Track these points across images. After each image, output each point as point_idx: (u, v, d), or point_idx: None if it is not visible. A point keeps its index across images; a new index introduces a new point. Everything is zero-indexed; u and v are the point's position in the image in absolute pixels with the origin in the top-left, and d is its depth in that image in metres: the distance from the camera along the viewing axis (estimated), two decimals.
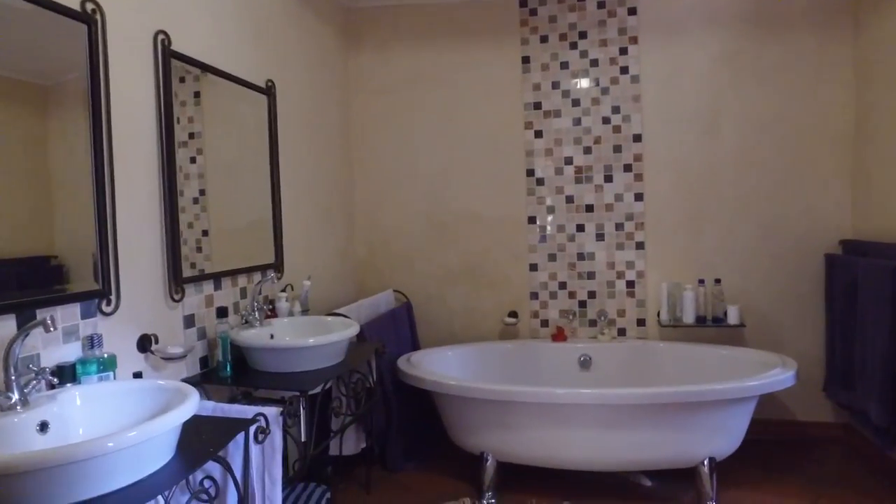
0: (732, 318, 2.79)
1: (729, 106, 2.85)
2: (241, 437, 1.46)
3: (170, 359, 1.60)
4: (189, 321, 1.85)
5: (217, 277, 2.00)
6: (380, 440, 2.61)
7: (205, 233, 2.02)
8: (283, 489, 2.07)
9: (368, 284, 3.24)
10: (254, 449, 1.53)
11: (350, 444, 2.50)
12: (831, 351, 2.71)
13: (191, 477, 1.39)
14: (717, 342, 2.86)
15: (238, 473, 1.45)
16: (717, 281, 2.84)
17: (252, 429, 1.48)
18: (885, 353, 2.25)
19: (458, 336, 3.15)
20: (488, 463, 2.33)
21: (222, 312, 1.90)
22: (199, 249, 1.96)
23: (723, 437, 2.22)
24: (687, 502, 2.27)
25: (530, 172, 3.06)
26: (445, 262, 3.17)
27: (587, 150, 2.99)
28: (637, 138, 2.93)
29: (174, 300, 1.76)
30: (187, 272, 1.83)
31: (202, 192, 2.01)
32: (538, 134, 3.04)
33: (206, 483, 1.42)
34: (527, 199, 3.07)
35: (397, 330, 2.86)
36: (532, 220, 3.07)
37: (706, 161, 2.88)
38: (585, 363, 2.89)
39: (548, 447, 2.26)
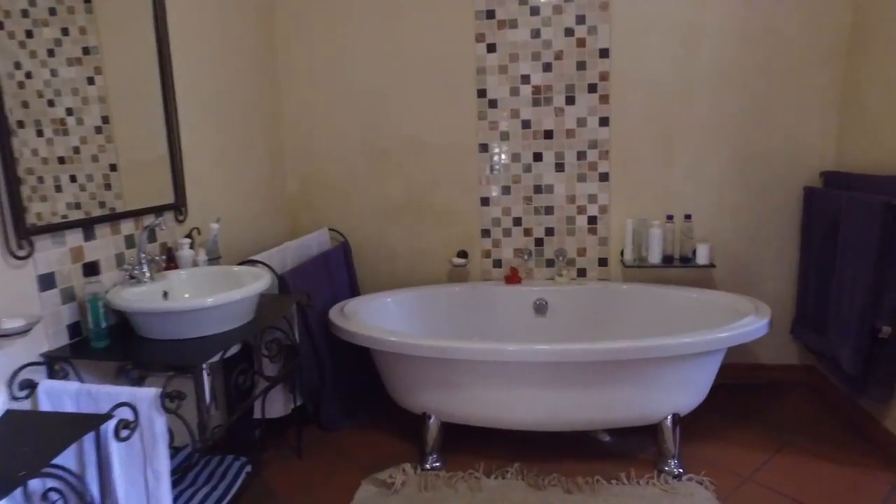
0: (702, 257, 2.55)
1: (711, 15, 2.47)
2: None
3: (5, 335, 1.24)
4: (47, 282, 1.47)
5: (88, 225, 1.61)
6: (313, 399, 2.33)
7: (112, 167, 1.72)
8: (195, 465, 1.80)
9: (302, 223, 2.87)
10: (122, 446, 1.22)
11: (278, 406, 2.22)
12: (804, 292, 2.52)
13: (31, 487, 1.08)
14: (685, 284, 2.63)
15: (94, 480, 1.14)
16: (688, 217, 2.57)
17: (110, 425, 1.16)
18: (865, 297, 2.05)
19: (402, 279, 2.84)
20: (431, 423, 2.10)
21: (92, 269, 1.52)
22: (107, 187, 1.70)
23: (688, 391, 2.03)
24: (648, 458, 2.10)
25: (481, 93, 2.66)
26: (387, 194, 2.81)
27: (547, 68, 2.60)
28: (604, 53, 2.55)
29: (17, 257, 1.37)
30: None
31: (105, 120, 1.68)
32: (491, 48, 2.62)
33: (53, 496, 1.11)
34: (477, 123, 2.69)
35: (331, 275, 2.53)
36: (483, 147, 2.71)
37: (681, 81, 2.54)
38: (541, 308, 2.64)
39: (496, 407, 2.02)
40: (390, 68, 2.69)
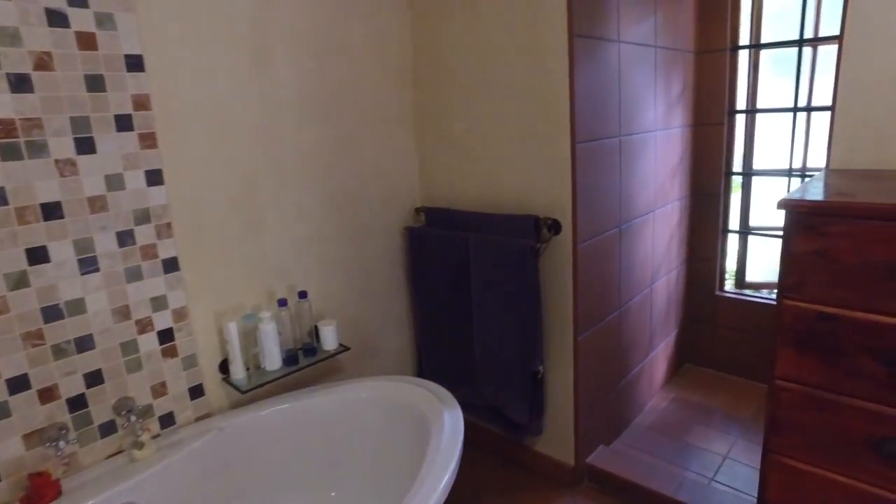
0: (329, 341, 1.93)
1: (278, 18, 1.77)
2: None
3: None
4: None
5: None
6: None
7: None
8: None
9: None
10: None
11: None
12: (430, 345, 2.27)
13: None
14: (318, 381, 1.95)
15: None
16: (303, 294, 1.88)
17: None
18: (524, 344, 1.95)
19: None
20: None
21: None
22: None
23: None
24: None
25: None
26: None
27: (20, 86, 1.32)
28: (135, 63, 1.48)
29: None
30: None
31: None
32: None
33: None
34: None
35: None
36: None
37: (260, 106, 1.76)
38: None
39: None
40: None
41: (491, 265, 1.99)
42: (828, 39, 2.44)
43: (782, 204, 1.03)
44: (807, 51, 2.47)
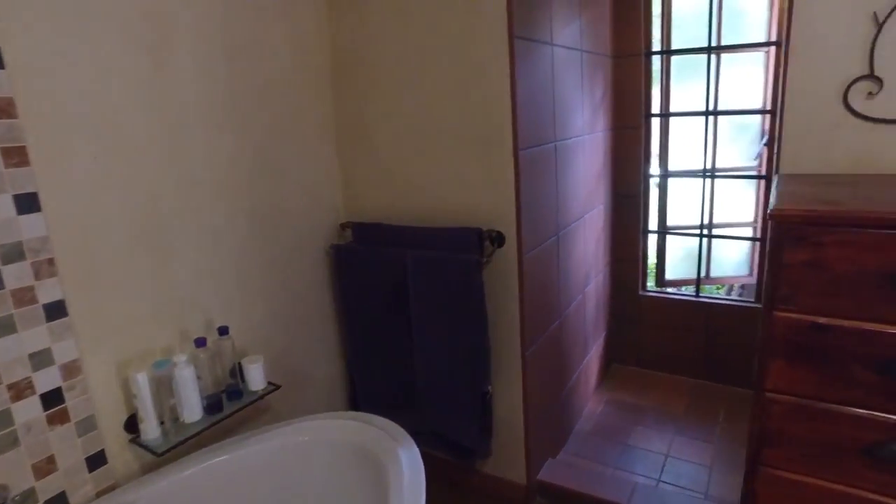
0: (256, 381, 1.69)
1: (176, 12, 1.50)
2: None
3: None
4: None
5: None
6: None
7: None
8: None
9: None
10: None
11: None
12: (364, 370, 2.08)
13: None
14: (243, 426, 1.70)
15: None
16: (224, 330, 1.62)
17: None
18: (475, 363, 1.83)
19: None
20: None
21: None
22: None
23: None
24: None
25: None
26: None
27: None
28: None
29: None
30: None
31: None
32: None
33: None
34: None
35: None
36: None
37: (163, 113, 1.48)
38: None
39: None
40: None
41: (432, 283, 1.85)
42: (733, 48, 2.56)
43: (773, 215, 0.99)
44: (705, 57, 2.58)
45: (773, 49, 2.45)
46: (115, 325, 1.42)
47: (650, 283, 3.01)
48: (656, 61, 2.67)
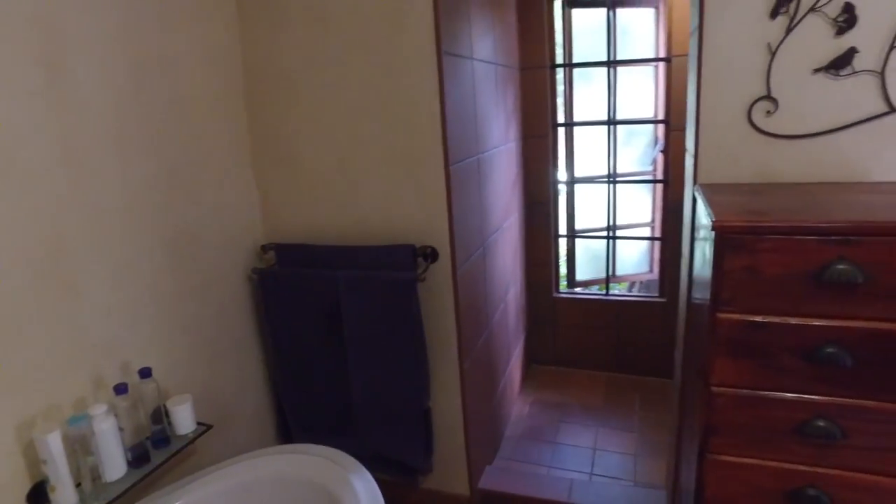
0: (185, 423, 1.54)
1: (71, 18, 1.33)
2: None
3: None
4: None
5: None
6: None
7: None
8: None
9: None
10: None
11: None
12: (296, 397, 1.98)
13: None
14: (169, 473, 1.54)
15: None
16: (146, 372, 1.46)
17: None
18: (417, 380, 1.80)
19: None
20: None
21: None
22: None
23: None
24: None
25: None
26: None
27: None
28: None
29: None
30: None
31: None
32: None
33: None
34: None
35: None
36: None
37: (62, 134, 1.30)
38: None
39: None
40: None
41: (366, 303, 1.80)
42: (630, 62, 2.75)
43: (716, 226, 1.07)
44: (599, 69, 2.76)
45: (661, 64, 2.68)
46: (13, 380, 1.23)
47: (562, 285, 3.16)
48: (559, 72, 2.81)
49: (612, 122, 2.78)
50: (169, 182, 1.60)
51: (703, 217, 1.26)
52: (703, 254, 1.31)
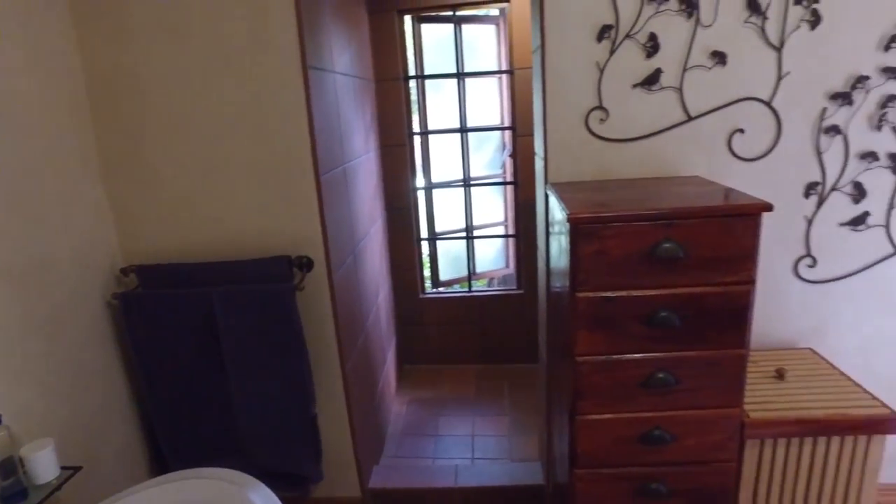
0: (47, 470, 1.40)
1: None
2: None
3: None
4: None
5: None
6: None
7: None
8: None
9: None
10: None
11: None
12: (173, 425, 1.86)
13: None
14: None
15: None
16: None
17: None
18: (302, 389, 1.81)
19: None
20: None
21: None
22: None
23: None
24: None
25: None
26: None
27: None
28: None
29: None
30: None
31: None
32: None
33: None
34: None
35: None
36: None
37: None
38: None
39: None
40: None
41: (245, 318, 1.77)
42: (477, 74, 2.97)
43: (570, 219, 1.26)
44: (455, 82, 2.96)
45: (505, 76, 2.95)
46: None
47: (427, 286, 3.31)
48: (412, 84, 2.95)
49: (463, 129, 2.99)
50: (7, 207, 1.44)
51: (558, 212, 1.46)
52: (559, 244, 1.50)
